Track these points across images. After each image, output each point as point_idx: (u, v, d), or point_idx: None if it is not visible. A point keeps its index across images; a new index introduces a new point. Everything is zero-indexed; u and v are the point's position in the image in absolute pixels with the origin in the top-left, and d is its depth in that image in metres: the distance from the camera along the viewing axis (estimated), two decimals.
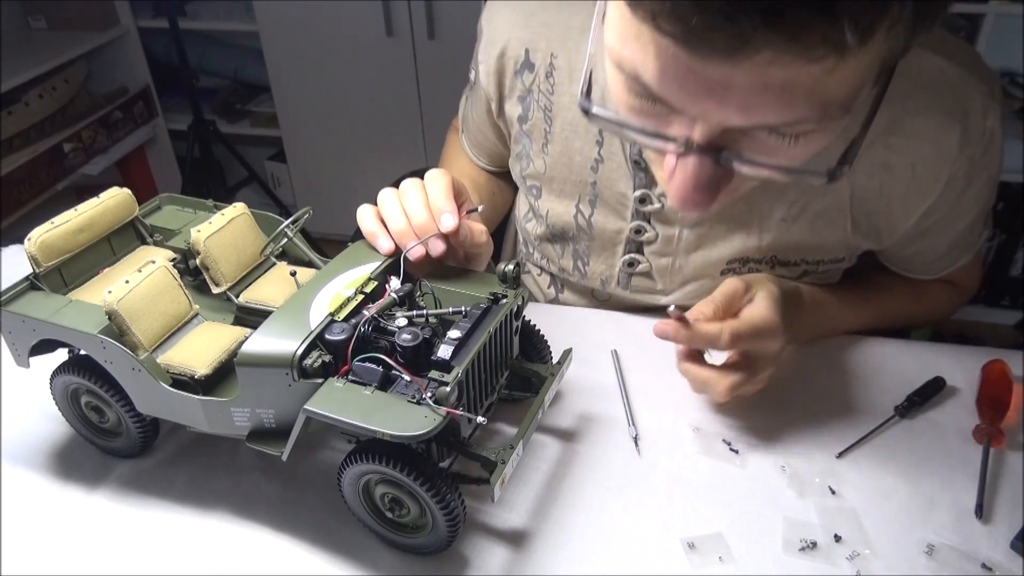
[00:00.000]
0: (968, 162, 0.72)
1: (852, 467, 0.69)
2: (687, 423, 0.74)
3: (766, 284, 0.73)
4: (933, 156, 0.71)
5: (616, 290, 0.88)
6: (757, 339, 0.68)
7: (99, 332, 0.61)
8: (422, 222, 0.67)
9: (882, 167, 0.72)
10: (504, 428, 0.73)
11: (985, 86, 0.70)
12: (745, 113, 0.47)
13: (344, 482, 0.60)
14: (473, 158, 1.01)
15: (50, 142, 2.19)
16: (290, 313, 0.61)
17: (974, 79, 0.70)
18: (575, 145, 0.81)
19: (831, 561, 0.61)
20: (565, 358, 0.70)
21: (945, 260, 0.84)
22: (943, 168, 0.71)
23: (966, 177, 0.73)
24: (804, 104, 0.45)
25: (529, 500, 0.67)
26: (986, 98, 0.70)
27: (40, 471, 0.71)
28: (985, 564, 0.60)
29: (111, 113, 2.39)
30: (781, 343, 0.70)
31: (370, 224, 0.69)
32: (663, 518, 0.65)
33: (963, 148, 0.71)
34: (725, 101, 0.46)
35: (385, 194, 0.71)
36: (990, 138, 0.71)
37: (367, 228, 0.69)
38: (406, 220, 0.68)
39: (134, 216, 0.75)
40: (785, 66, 0.42)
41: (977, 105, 0.70)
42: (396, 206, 0.69)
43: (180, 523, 0.66)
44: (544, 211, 0.88)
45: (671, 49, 0.45)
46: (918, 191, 0.73)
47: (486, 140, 0.96)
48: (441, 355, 0.57)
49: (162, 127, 2.63)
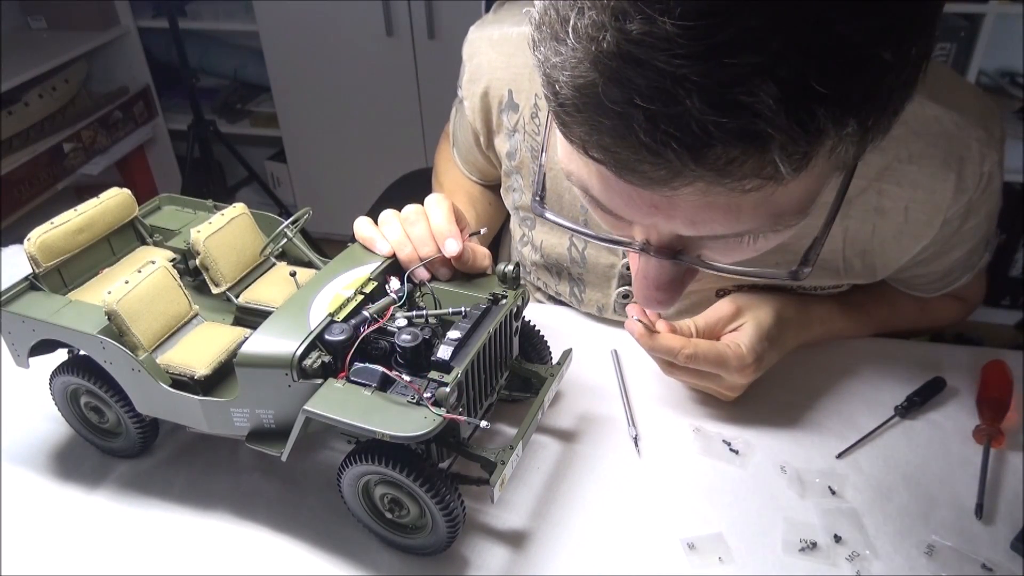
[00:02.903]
0: (965, 205, 0.70)
1: (852, 467, 0.69)
2: (687, 423, 0.74)
3: (758, 312, 0.72)
4: (927, 202, 0.70)
5: (613, 316, 0.89)
6: (718, 368, 0.69)
7: (99, 332, 0.61)
8: (426, 248, 0.67)
9: (875, 211, 0.71)
10: (504, 428, 0.73)
11: (983, 131, 0.68)
12: (694, 227, 0.45)
13: (344, 482, 0.60)
14: (465, 173, 1.01)
15: (50, 142, 2.19)
16: (290, 313, 0.61)
17: (971, 126, 0.68)
18: (564, 184, 0.79)
19: (831, 561, 0.61)
20: (565, 358, 0.70)
21: (945, 280, 0.83)
22: (937, 214, 0.70)
23: (962, 218, 0.71)
24: (752, 218, 0.44)
25: (529, 500, 0.67)
26: (982, 144, 0.68)
27: (40, 471, 0.71)
28: (985, 564, 0.60)
29: (111, 113, 2.39)
30: (748, 378, 0.71)
31: (368, 230, 0.70)
32: (663, 518, 0.65)
33: (958, 195, 0.69)
34: (672, 217, 0.45)
35: (387, 217, 0.71)
36: (988, 181, 0.69)
37: (364, 234, 0.70)
38: (411, 246, 0.68)
39: (134, 216, 0.75)
40: (724, 191, 0.40)
41: (974, 153, 0.68)
42: (399, 231, 0.69)
43: (180, 523, 0.66)
44: (538, 242, 0.88)
45: (607, 174, 0.43)
46: (911, 234, 0.72)
47: (476, 160, 0.96)
48: (441, 356, 0.57)
49: (162, 127, 2.63)
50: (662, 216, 0.45)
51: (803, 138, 0.37)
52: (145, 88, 2.52)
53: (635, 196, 0.44)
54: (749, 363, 0.69)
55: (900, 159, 0.68)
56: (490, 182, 1.01)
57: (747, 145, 0.37)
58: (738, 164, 0.38)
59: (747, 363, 0.69)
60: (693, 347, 0.68)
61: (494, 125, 0.85)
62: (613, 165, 0.41)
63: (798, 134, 0.37)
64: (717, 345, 0.70)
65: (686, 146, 0.37)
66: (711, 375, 0.71)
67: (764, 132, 0.36)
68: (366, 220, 0.71)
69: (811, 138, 0.37)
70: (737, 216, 0.43)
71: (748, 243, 0.47)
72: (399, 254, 0.69)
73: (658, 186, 0.41)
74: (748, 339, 0.70)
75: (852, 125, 0.38)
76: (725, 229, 0.45)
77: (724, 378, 0.70)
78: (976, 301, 0.92)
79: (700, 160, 0.38)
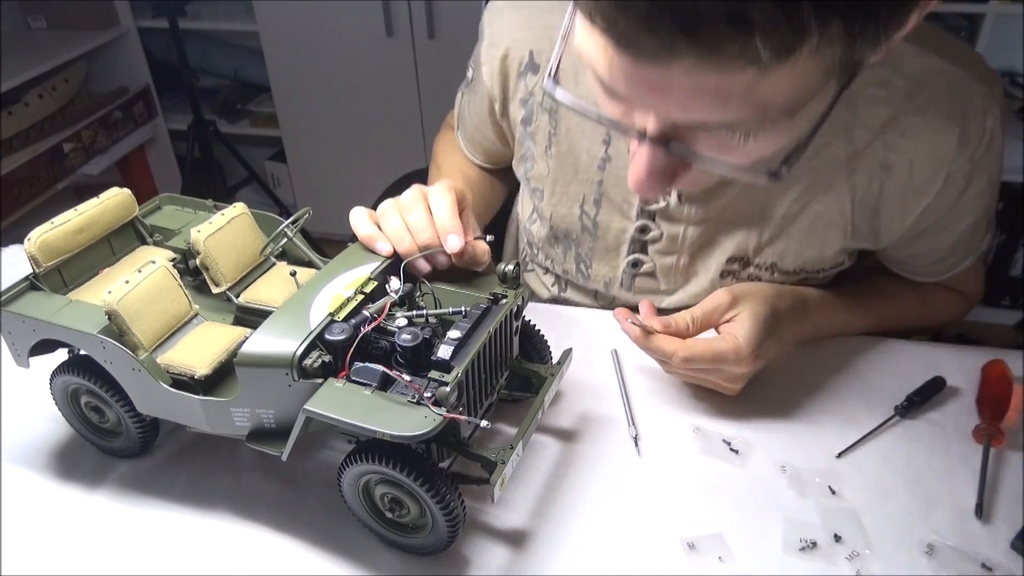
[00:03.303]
0: (967, 162, 0.72)
1: (852, 467, 0.69)
2: (687, 423, 0.74)
3: (754, 302, 0.72)
4: (931, 156, 0.71)
5: (619, 292, 0.89)
6: (715, 364, 0.69)
7: (99, 332, 0.61)
8: (426, 241, 0.67)
9: (881, 167, 0.73)
10: (504, 428, 0.73)
11: (986, 87, 0.70)
12: (684, 110, 0.49)
13: (344, 482, 0.60)
14: (469, 155, 1.01)
15: (50, 142, 2.19)
16: (290, 313, 0.61)
17: (974, 80, 0.70)
18: (582, 145, 0.81)
19: (831, 561, 0.61)
20: (565, 358, 0.70)
21: (947, 262, 0.84)
22: (941, 168, 0.72)
23: (965, 177, 0.73)
24: (739, 106, 0.47)
25: (529, 500, 0.67)
26: (986, 99, 0.70)
27: (40, 471, 0.71)
28: (985, 564, 0.60)
29: (111, 113, 2.38)
30: (748, 368, 0.71)
31: (366, 228, 0.69)
32: (663, 518, 0.65)
33: (961, 149, 0.71)
34: (666, 98, 0.49)
35: (386, 207, 0.70)
36: (990, 139, 0.71)
37: (364, 232, 0.69)
38: (410, 238, 0.67)
39: (134, 216, 0.75)
40: (712, 72, 0.44)
41: (976, 106, 0.70)
42: (398, 221, 0.68)
43: (180, 523, 0.66)
44: (548, 213, 0.88)
45: (611, 48, 0.47)
46: (915, 191, 0.73)
47: (484, 139, 0.96)
48: (441, 355, 0.57)
49: (162, 127, 2.63)
50: (656, 97, 0.49)
51: (786, 28, 0.41)
52: (145, 88, 2.52)
53: (634, 74, 0.48)
54: (747, 354, 0.69)
55: (905, 111, 0.70)
56: (494, 164, 1.00)
57: (734, 28, 0.41)
58: (724, 45, 0.42)
59: (744, 355, 0.69)
60: (687, 350, 0.68)
61: (510, 91, 0.86)
62: (614, 36, 0.46)
63: (781, 23, 0.41)
64: (712, 343, 0.70)
65: (678, 23, 0.42)
66: (711, 370, 0.71)
67: (750, 17, 0.40)
68: (363, 214, 0.70)
69: (794, 28, 0.41)
70: (725, 103, 0.47)
71: (739, 142, 0.51)
72: (398, 247, 0.67)
73: (653, 61, 0.45)
74: (744, 329, 0.70)
75: (837, 26, 0.42)
76: (714, 115, 0.48)
77: (724, 370, 0.70)
78: (975, 297, 0.92)
79: (690, 37, 0.42)
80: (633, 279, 0.87)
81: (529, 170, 0.88)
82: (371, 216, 0.70)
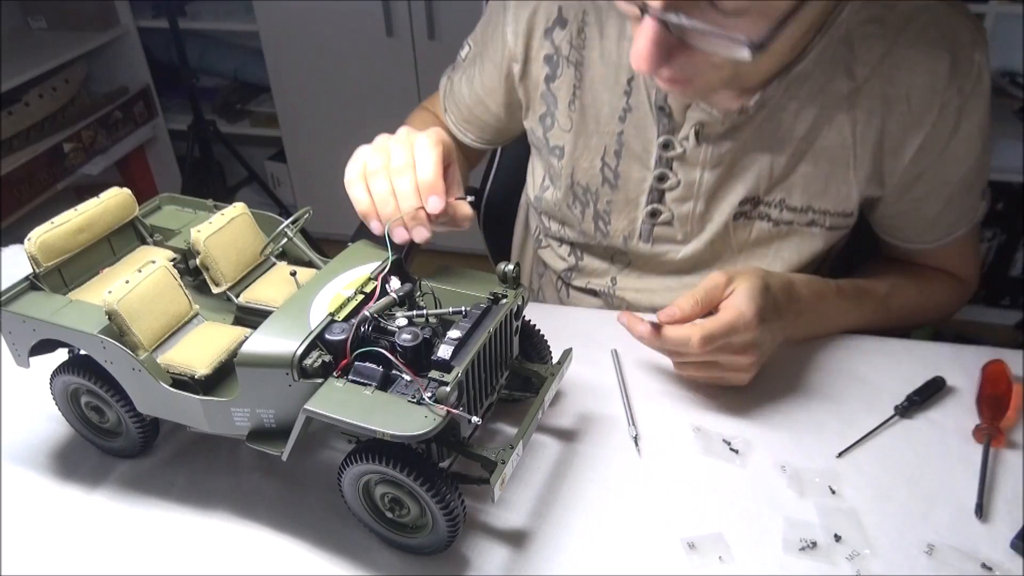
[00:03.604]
0: (958, 95, 0.76)
1: (852, 467, 0.69)
2: (687, 423, 0.74)
3: (749, 276, 0.74)
4: (926, 86, 0.76)
5: (638, 245, 0.91)
6: (730, 336, 0.70)
7: (99, 332, 0.61)
8: (409, 203, 0.69)
9: (882, 101, 0.77)
10: (504, 428, 0.73)
11: (971, 23, 0.77)
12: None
13: (344, 482, 0.60)
14: (459, 134, 1.01)
15: (50, 142, 2.19)
16: (290, 313, 0.61)
17: (959, 15, 0.77)
18: (603, 97, 0.85)
19: (831, 561, 0.61)
20: (565, 358, 0.70)
21: (941, 224, 0.85)
22: (935, 97, 0.76)
23: (957, 111, 0.77)
24: None
25: (529, 500, 0.67)
26: (973, 33, 0.76)
27: (40, 471, 0.71)
28: (985, 564, 0.60)
29: (111, 113, 2.39)
30: (754, 332, 0.71)
31: (364, 203, 0.71)
32: (663, 518, 0.65)
33: (953, 78, 0.75)
34: None
35: (373, 161, 0.72)
36: (979, 73, 0.76)
37: (361, 208, 0.72)
38: (394, 203, 0.70)
39: (134, 216, 0.75)
40: None
41: (965, 39, 0.75)
42: (385, 182, 0.70)
43: (180, 523, 0.66)
44: (569, 169, 0.90)
45: None
46: (914, 123, 0.78)
47: (485, 112, 0.97)
48: (441, 355, 0.57)
49: (162, 127, 2.63)
50: None
51: None
52: (145, 88, 2.52)
53: None
54: (751, 317, 0.70)
55: (899, 44, 0.76)
56: (485, 143, 1.02)
57: None
58: None
59: (750, 318, 0.70)
60: (702, 329, 0.70)
61: (533, 51, 0.88)
62: None
63: None
64: (719, 316, 0.71)
65: None
66: (721, 364, 0.72)
67: None
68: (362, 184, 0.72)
69: None
70: None
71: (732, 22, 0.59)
72: (381, 211, 0.70)
73: None
74: (744, 298, 0.72)
75: None
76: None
77: (734, 342, 0.71)
78: (971, 281, 0.94)
79: None
80: (652, 229, 0.89)
81: (549, 128, 0.90)
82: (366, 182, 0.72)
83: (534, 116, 0.92)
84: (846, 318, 0.85)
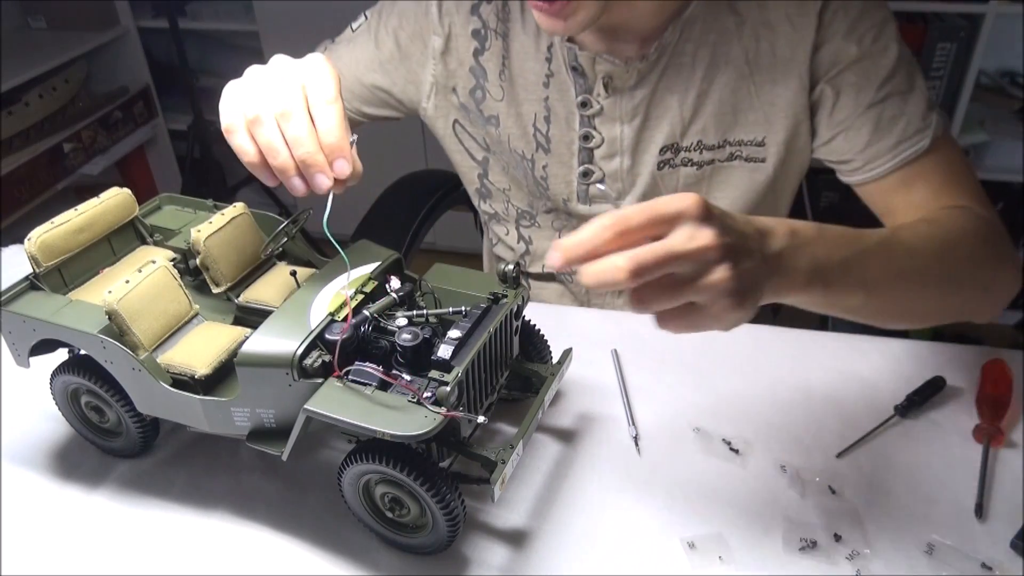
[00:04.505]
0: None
1: (852, 467, 0.69)
2: (687, 423, 0.74)
3: None
4: (799, 5, 0.79)
5: (578, 207, 0.93)
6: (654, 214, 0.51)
7: (99, 332, 0.61)
8: (305, 156, 0.58)
9: (764, 26, 0.80)
10: (504, 428, 0.73)
11: None
12: None
13: (344, 482, 0.60)
14: None
15: (50, 142, 2.19)
16: (290, 313, 0.61)
17: None
18: (528, 65, 0.88)
19: (831, 561, 0.61)
20: (565, 358, 0.70)
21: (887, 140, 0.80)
22: (811, 8, 0.78)
23: (840, 14, 0.79)
24: None
25: (529, 500, 0.67)
26: None
27: (40, 471, 0.71)
28: (985, 564, 0.60)
29: (111, 113, 2.38)
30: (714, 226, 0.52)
31: (250, 154, 0.60)
32: (663, 518, 0.65)
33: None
34: None
35: (261, 109, 0.59)
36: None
37: (247, 159, 0.60)
38: (287, 152, 0.59)
39: (134, 216, 0.75)
40: None
41: None
42: (275, 131, 0.59)
43: (180, 523, 0.66)
44: (505, 137, 0.92)
45: None
46: (800, 39, 0.80)
47: (366, 84, 0.95)
48: (441, 355, 0.57)
49: (162, 127, 2.63)
50: None
51: None
52: (145, 88, 2.52)
53: None
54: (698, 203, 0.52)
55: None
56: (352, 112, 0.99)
57: None
58: None
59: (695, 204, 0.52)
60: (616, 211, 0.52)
61: (458, 27, 0.90)
62: None
63: None
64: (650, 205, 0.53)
65: None
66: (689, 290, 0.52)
67: None
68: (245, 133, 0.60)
69: None
70: None
71: None
72: (271, 160, 0.59)
73: None
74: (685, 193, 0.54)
75: None
76: None
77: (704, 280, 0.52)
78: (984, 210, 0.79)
79: None
80: (587, 190, 0.92)
81: (481, 100, 0.92)
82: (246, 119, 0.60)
83: (466, 91, 0.92)
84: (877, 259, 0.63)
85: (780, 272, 0.56)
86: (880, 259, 0.64)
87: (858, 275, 0.61)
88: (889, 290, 0.66)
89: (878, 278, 0.64)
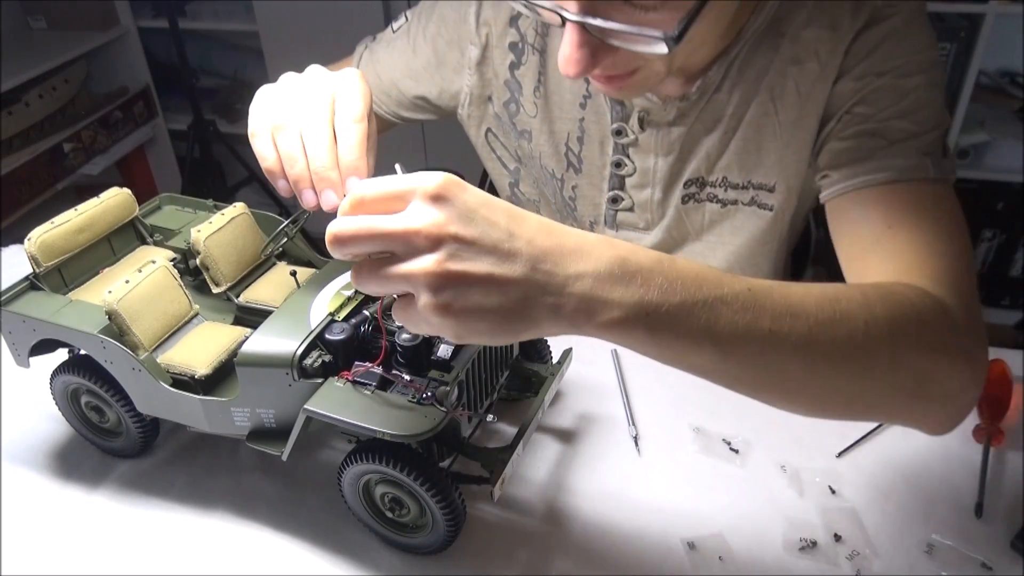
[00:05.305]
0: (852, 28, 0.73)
1: (852, 467, 0.69)
2: (687, 423, 0.74)
3: None
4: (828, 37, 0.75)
5: (605, 231, 0.92)
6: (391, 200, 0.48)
7: (99, 332, 0.61)
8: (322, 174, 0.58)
9: (791, 62, 0.76)
10: (504, 428, 0.73)
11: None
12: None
13: (344, 482, 0.60)
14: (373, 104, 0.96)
15: (50, 142, 2.19)
16: (290, 313, 0.61)
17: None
18: (565, 84, 0.87)
19: (831, 560, 0.61)
20: (565, 358, 0.70)
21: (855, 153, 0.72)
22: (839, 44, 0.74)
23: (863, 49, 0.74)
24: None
25: (529, 499, 0.67)
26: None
27: (40, 471, 0.71)
28: (985, 563, 0.60)
29: (111, 113, 2.38)
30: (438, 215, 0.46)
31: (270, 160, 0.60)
32: (663, 518, 0.65)
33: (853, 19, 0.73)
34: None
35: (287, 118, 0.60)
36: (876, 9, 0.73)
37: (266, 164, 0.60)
38: (303, 162, 0.58)
39: (134, 216, 0.75)
40: None
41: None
42: (296, 141, 0.59)
43: (180, 523, 0.66)
44: (537, 153, 0.92)
45: None
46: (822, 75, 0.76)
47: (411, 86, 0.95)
48: (441, 355, 0.57)
49: (162, 127, 2.63)
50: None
51: None
52: (145, 88, 2.52)
53: None
54: (436, 177, 0.47)
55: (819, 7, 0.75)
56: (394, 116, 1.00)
57: None
58: None
59: (436, 176, 0.48)
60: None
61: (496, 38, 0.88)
62: None
63: None
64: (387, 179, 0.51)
65: None
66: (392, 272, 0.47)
67: None
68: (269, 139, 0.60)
69: None
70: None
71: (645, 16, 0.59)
72: (288, 169, 0.59)
73: None
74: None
75: None
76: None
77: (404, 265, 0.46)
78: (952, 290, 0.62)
79: None
80: (615, 216, 0.91)
81: (515, 114, 0.91)
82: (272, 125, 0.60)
83: (499, 103, 0.92)
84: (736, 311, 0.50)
85: (571, 299, 0.46)
86: (741, 312, 0.50)
87: (704, 326, 0.49)
88: (756, 355, 0.51)
89: (736, 335, 0.50)
